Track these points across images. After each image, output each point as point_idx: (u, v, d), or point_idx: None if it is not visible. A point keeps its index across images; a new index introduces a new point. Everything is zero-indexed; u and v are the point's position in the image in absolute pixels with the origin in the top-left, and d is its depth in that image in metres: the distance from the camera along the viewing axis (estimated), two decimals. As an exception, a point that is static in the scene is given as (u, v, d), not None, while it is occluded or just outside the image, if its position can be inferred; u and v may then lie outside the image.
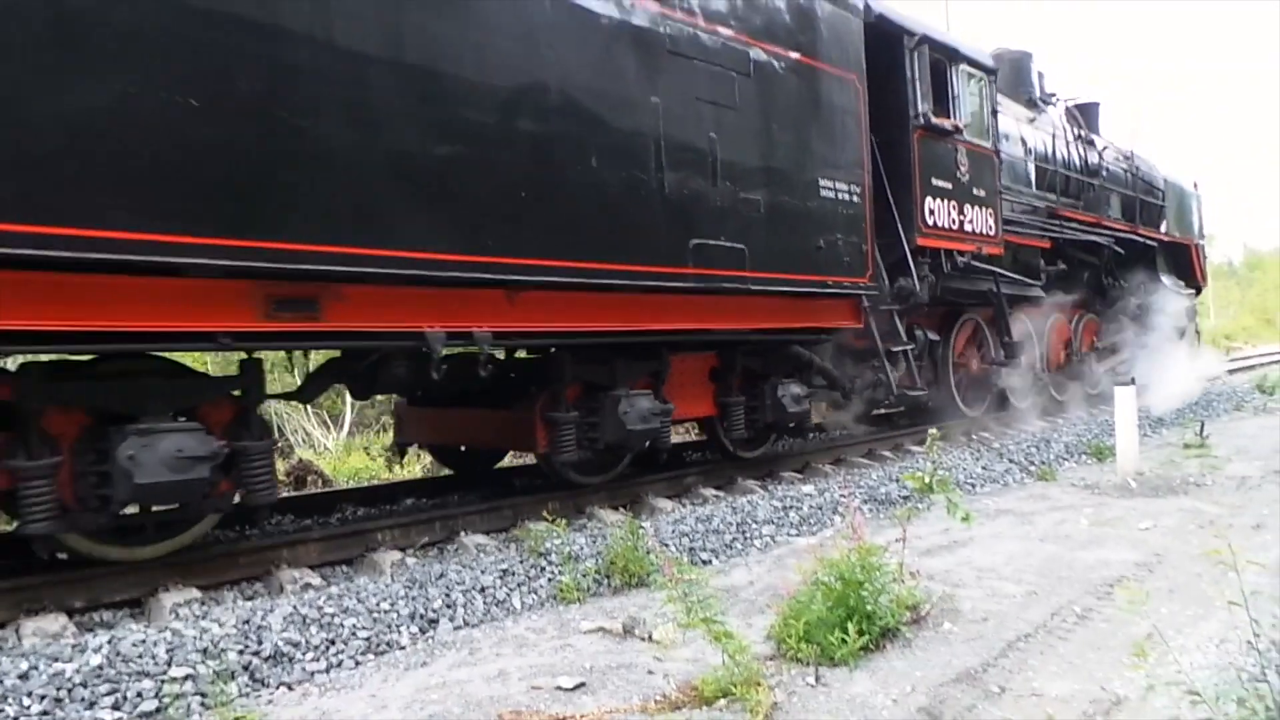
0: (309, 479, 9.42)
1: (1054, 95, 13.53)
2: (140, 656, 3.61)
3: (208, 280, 4.15)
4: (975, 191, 9.56)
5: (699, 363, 7.27)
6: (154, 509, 4.63)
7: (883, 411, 10.42)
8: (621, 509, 6.67)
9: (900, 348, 8.60)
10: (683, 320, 6.33)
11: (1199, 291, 17.54)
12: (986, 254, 9.76)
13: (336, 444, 11.87)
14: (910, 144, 8.61)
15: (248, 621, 3.98)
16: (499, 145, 4.99)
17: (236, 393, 4.87)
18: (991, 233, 9.85)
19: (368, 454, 11.07)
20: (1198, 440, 9.50)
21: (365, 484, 9.03)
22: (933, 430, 4.69)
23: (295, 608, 4.15)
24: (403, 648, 4.13)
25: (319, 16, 4.24)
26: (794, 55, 6.95)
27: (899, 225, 8.43)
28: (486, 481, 7.63)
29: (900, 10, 8.73)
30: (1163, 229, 15.67)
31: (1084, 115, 14.23)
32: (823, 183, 7.22)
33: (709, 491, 7.29)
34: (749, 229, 6.48)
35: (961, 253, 9.34)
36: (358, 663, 3.95)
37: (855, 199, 7.59)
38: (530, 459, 7.87)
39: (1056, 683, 3.39)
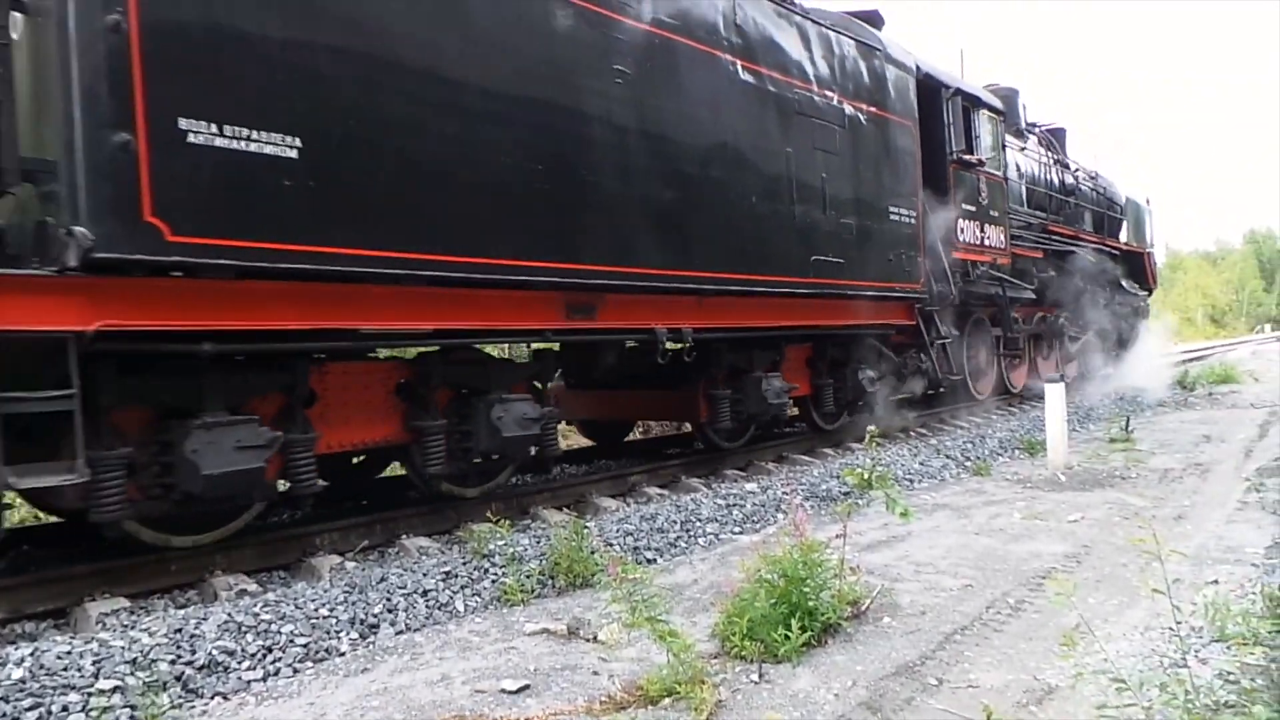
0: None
1: (1035, 124, 15.65)
2: (65, 669, 3.48)
3: (533, 292, 5.80)
4: (991, 212, 11.68)
5: (800, 352, 9.05)
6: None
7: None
8: (566, 509, 6.65)
9: (941, 340, 10.42)
10: (798, 318, 8.11)
11: (1150, 292, 20.40)
12: (999, 264, 11.85)
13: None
14: (948, 175, 10.60)
15: (180, 630, 3.86)
16: (699, 188, 6.78)
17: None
18: (1002, 246, 12.00)
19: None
20: (1123, 435, 9.87)
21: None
22: (871, 428, 4.78)
23: (230, 615, 4.04)
24: (342, 654, 4.05)
25: (603, 102, 6.02)
26: (872, 109, 8.99)
27: (940, 242, 10.28)
28: (620, 452, 8.78)
29: (937, 66, 10.84)
30: (1122, 239, 18.50)
31: (1056, 139, 16.36)
32: (891, 209, 9.19)
33: (653, 490, 7.31)
34: (846, 247, 8.41)
35: (981, 263, 11.42)
36: (296, 670, 3.86)
37: (912, 221, 9.56)
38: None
39: (991, 674, 3.49)
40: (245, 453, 4.55)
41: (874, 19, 9.94)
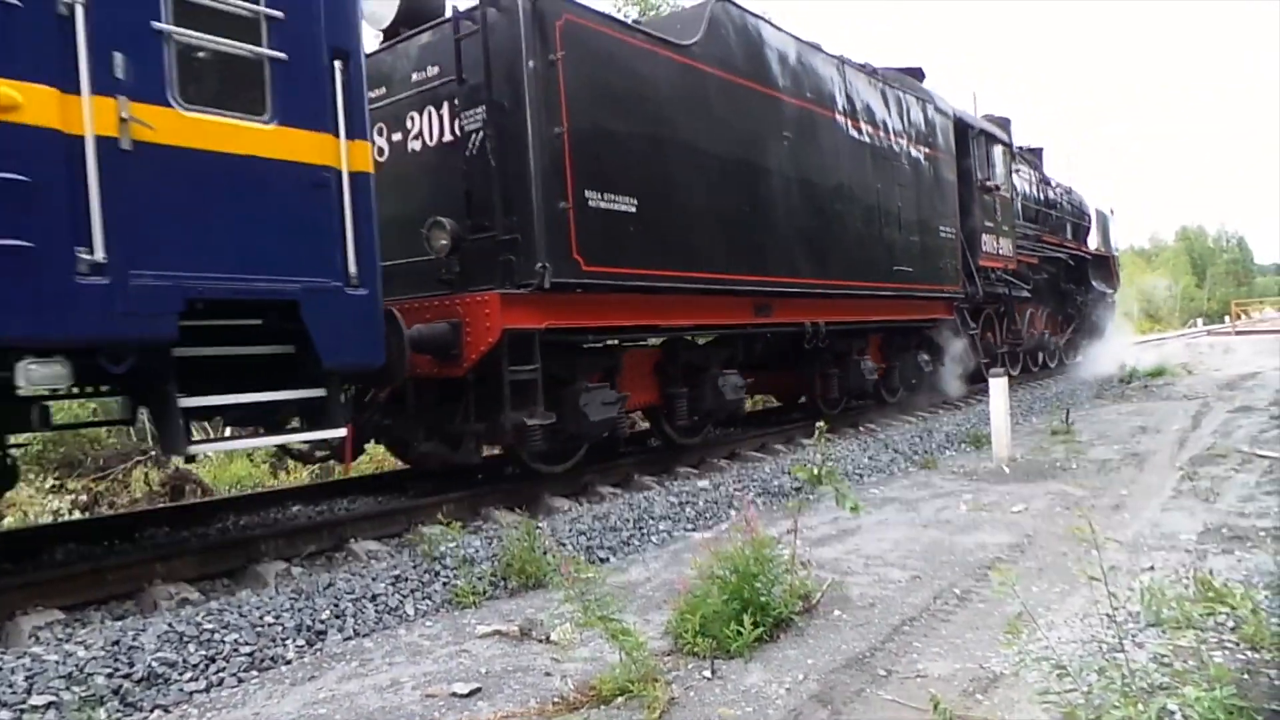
0: (187, 489, 8.96)
1: (1021, 147, 17.73)
2: (-5, 686, 3.35)
3: (735, 297, 8.05)
4: (1004, 226, 14.37)
5: (876, 340, 11.47)
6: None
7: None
8: (518, 509, 6.60)
9: (972, 331, 13.06)
10: (882, 313, 10.58)
11: (1115, 291, 23.30)
12: (1009, 269, 14.51)
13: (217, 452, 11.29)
14: (975, 198, 13.18)
15: (117, 642, 3.74)
16: (828, 217, 9.28)
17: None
18: (1010, 254, 14.62)
19: (251, 460, 10.59)
20: (1064, 427, 10.13)
21: (248, 492, 8.64)
22: (819, 423, 4.83)
23: (171, 625, 3.94)
24: (289, 662, 3.97)
25: (776, 158, 8.44)
26: (926, 149, 11.53)
27: (968, 252, 12.84)
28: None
29: (965, 109, 13.72)
30: (1091, 246, 21.29)
31: (1036, 157, 18.91)
32: (940, 227, 11.79)
33: (606, 489, 7.30)
34: (913, 258, 10.93)
35: (996, 269, 13.98)
36: (240, 680, 3.77)
37: (953, 235, 12.17)
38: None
39: (939, 663, 3.55)
40: (608, 406, 6.88)
41: (918, 73, 12.66)
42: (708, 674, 3.50)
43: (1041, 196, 17.84)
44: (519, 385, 6.06)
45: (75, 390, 4.72)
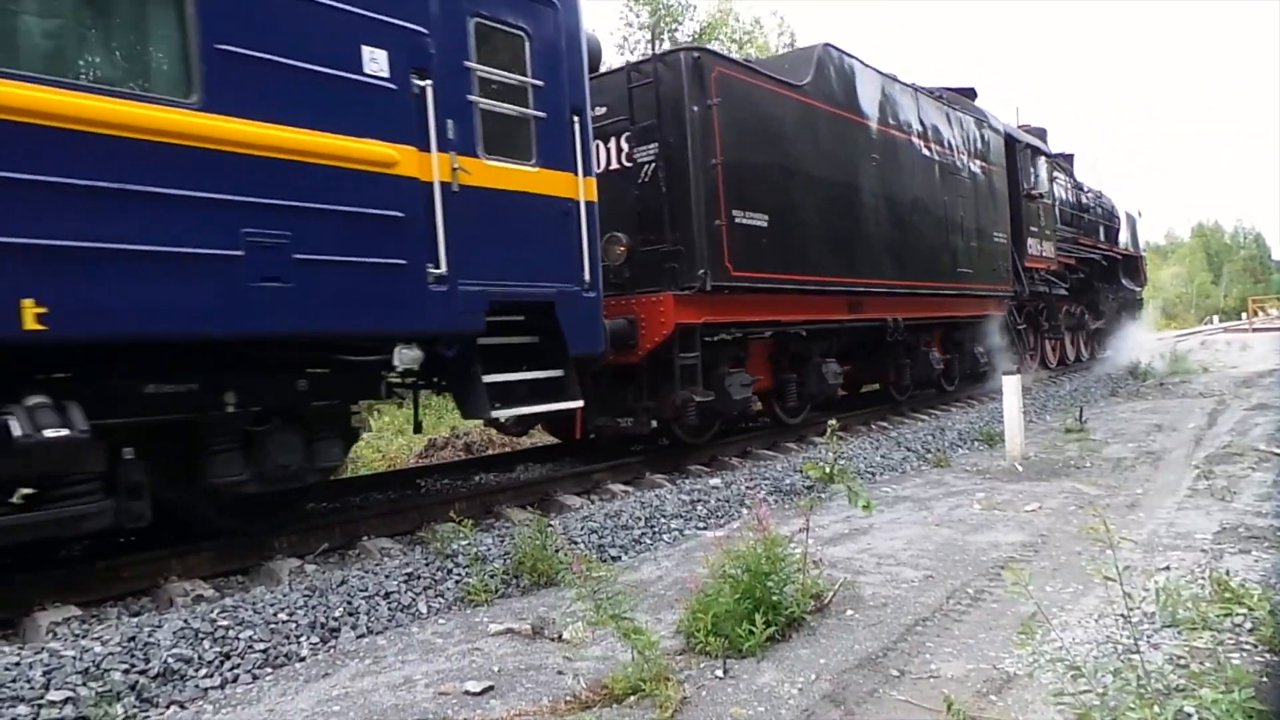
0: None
1: (1055, 154, 18.83)
2: (14, 680, 3.39)
3: (833, 296, 9.44)
4: (1045, 231, 15.72)
5: (939, 334, 12.66)
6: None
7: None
8: (530, 507, 6.62)
9: (1020, 326, 14.84)
10: (946, 310, 12.15)
11: (1142, 289, 25.25)
12: (1050, 270, 15.99)
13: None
14: (1021, 205, 14.60)
15: (133, 638, 3.78)
16: (905, 226, 10.67)
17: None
18: (1052, 256, 16.02)
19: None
20: (1077, 425, 10.07)
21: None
22: (831, 422, 4.82)
23: (186, 621, 3.97)
24: (302, 659, 3.99)
25: (865, 177, 9.86)
26: (982, 164, 13.06)
27: (1016, 254, 14.27)
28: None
29: (1010, 124, 15.42)
30: (1121, 246, 22.49)
31: (1068, 163, 19.73)
32: (994, 233, 13.35)
33: (618, 487, 7.31)
34: (972, 260, 12.45)
35: (1039, 270, 15.38)
36: (255, 677, 3.80)
37: (1004, 240, 13.72)
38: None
39: (952, 663, 3.54)
40: (745, 387, 8.25)
41: (971, 93, 14.33)
42: (720, 673, 3.49)
43: (1076, 201, 19.05)
44: (686, 369, 7.63)
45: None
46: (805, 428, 9.94)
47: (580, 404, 6.22)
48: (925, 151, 11.27)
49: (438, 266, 5.18)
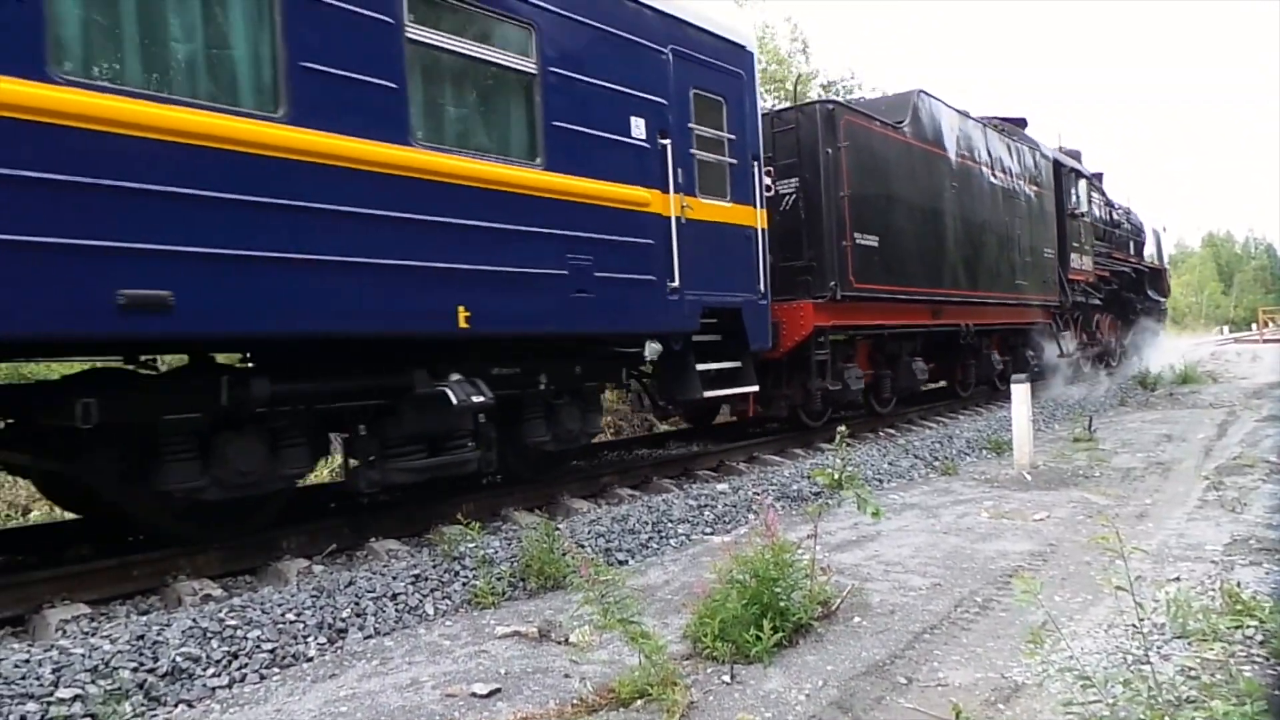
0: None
1: (1091, 175, 20.60)
2: (24, 678, 3.40)
3: (921, 305, 11.21)
4: (1085, 246, 17.45)
5: (996, 339, 14.41)
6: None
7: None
8: (537, 510, 6.62)
9: (1063, 333, 16.28)
10: (1004, 318, 13.86)
11: (1165, 299, 26.72)
12: (1088, 282, 17.58)
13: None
14: (1066, 224, 16.22)
15: (142, 637, 3.79)
16: (975, 244, 12.45)
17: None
18: (1089, 269, 17.71)
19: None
20: (1086, 434, 10.03)
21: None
22: (841, 428, 4.81)
23: (195, 621, 3.98)
24: (310, 659, 4.00)
25: (946, 202, 11.67)
26: (1034, 188, 14.93)
27: (1060, 268, 15.93)
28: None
29: (1053, 148, 16.93)
30: (1147, 259, 24.20)
31: (1098, 181, 21.00)
32: (1044, 249, 15.22)
33: (625, 491, 7.31)
34: (1027, 273, 14.29)
35: (1079, 282, 16.99)
36: (262, 676, 3.80)
37: (1052, 255, 15.57)
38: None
39: (960, 672, 3.52)
40: (859, 379, 10.20)
41: (1022, 123, 16.13)
42: (727, 678, 3.49)
43: (1108, 218, 20.72)
44: (819, 363, 9.57)
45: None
46: (827, 429, 11.21)
47: (757, 388, 8.13)
48: (992, 178, 13.18)
49: (673, 281, 6.93)
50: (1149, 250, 24.39)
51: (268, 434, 5.07)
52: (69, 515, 8.32)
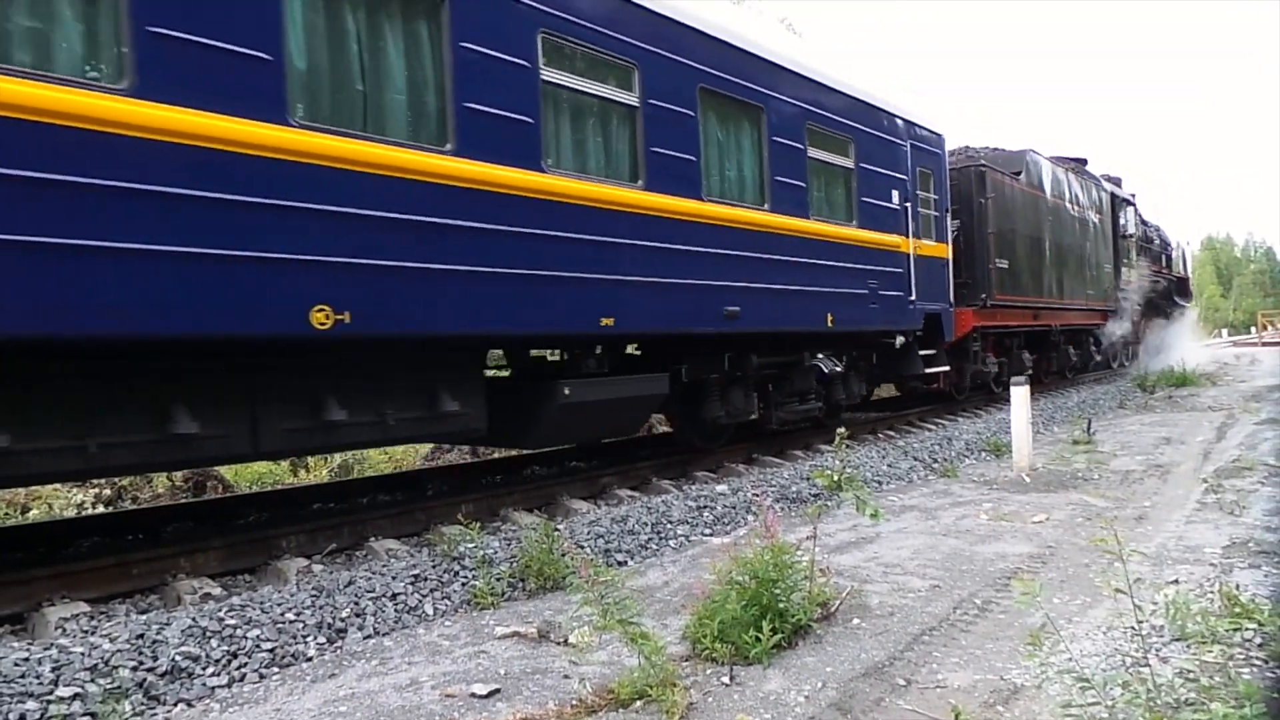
0: (209, 485, 9.04)
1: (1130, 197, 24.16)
2: (23, 676, 3.40)
3: (1028, 310, 15.20)
4: (1132, 261, 21.26)
5: (1067, 336, 17.67)
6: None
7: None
8: (536, 511, 6.62)
9: (1114, 329, 19.82)
10: (1075, 320, 17.54)
11: (1189, 304, 30.16)
12: (1133, 290, 20.95)
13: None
14: (1118, 244, 20.33)
15: (142, 636, 3.79)
16: (1061, 261, 16.58)
17: None
18: (1133, 280, 21.06)
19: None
20: (1085, 437, 10.03)
21: (269, 489, 8.72)
22: (840, 430, 4.81)
23: (194, 620, 3.98)
24: (309, 659, 4.00)
25: (1047, 231, 16.02)
26: (1098, 215, 18.93)
27: (1115, 278, 19.77)
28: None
29: (1099, 174, 20.67)
30: (1174, 270, 27.53)
31: (1133, 202, 24.19)
32: (1104, 264, 19.17)
33: (624, 492, 7.31)
34: (1093, 284, 18.26)
35: (1126, 289, 20.45)
36: (262, 676, 3.80)
37: (1109, 269, 19.63)
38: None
39: (959, 674, 3.53)
40: (994, 364, 14.31)
41: (1083, 161, 19.54)
42: (726, 680, 3.49)
43: (1144, 235, 23.91)
44: (975, 352, 13.26)
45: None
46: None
47: (949, 368, 11.98)
48: (1071, 210, 17.18)
49: (911, 295, 10.35)
50: (1175, 261, 28.26)
51: (745, 386, 8.56)
52: (68, 514, 8.34)
